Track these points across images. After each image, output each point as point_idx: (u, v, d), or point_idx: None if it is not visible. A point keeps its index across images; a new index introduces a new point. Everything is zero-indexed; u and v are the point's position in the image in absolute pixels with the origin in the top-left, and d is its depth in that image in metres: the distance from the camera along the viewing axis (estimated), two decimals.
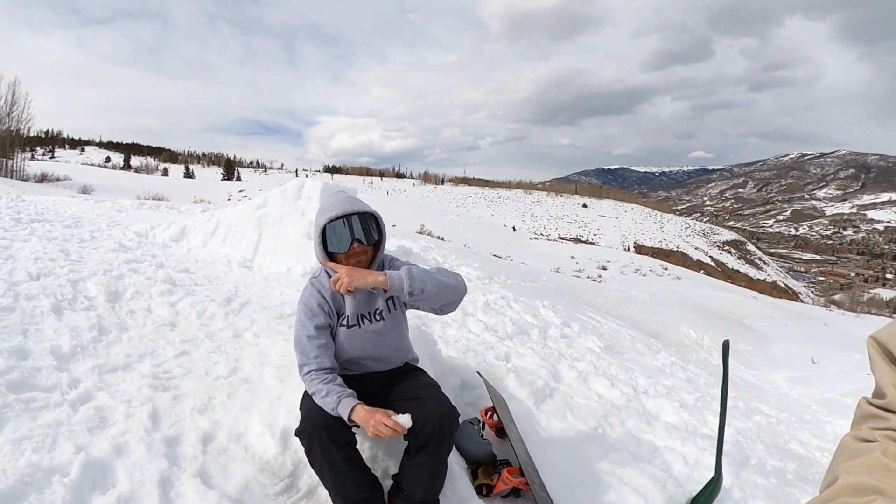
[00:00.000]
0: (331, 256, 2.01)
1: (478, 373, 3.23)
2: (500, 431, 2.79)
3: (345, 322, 2.05)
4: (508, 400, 3.23)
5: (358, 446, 1.95)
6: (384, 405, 2.00)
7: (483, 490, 2.32)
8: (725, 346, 2.47)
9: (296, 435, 1.88)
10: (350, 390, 1.87)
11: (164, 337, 3.02)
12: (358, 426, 1.81)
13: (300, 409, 1.99)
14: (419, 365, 2.31)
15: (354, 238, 1.95)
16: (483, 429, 2.69)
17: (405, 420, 1.74)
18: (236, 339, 3.16)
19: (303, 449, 1.88)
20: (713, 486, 2.60)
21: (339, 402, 1.81)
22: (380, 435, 1.73)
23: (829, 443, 6.48)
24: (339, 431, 1.84)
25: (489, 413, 2.86)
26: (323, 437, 1.81)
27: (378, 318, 2.08)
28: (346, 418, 1.79)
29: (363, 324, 2.07)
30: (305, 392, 1.98)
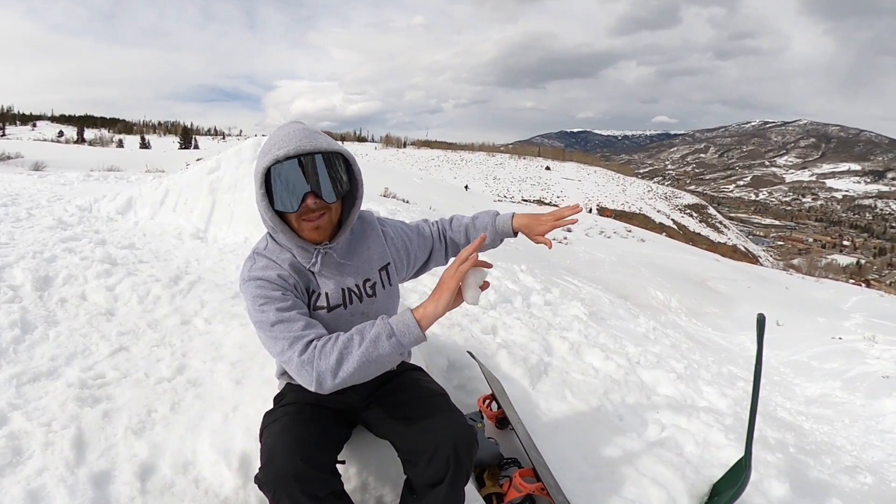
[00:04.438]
0: (279, 216, 1.38)
1: (469, 353, 2.86)
2: (500, 422, 2.44)
3: (323, 303, 1.43)
4: (502, 380, 2.89)
5: (343, 475, 1.43)
6: (374, 430, 1.53)
7: (493, 500, 1.95)
8: (760, 321, 2.00)
9: (256, 483, 1.34)
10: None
11: (99, 330, 2.53)
12: (343, 461, 1.31)
13: (261, 442, 1.41)
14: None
15: (310, 190, 1.31)
16: (483, 420, 2.34)
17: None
18: (184, 327, 2.68)
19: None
20: (741, 479, 2.22)
21: (393, 326, 1.23)
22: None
23: (801, 405, 6.50)
24: (318, 480, 1.30)
25: (487, 402, 2.49)
26: (295, 492, 1.26)
27: (370, 292, 1.49)
28: (421, 333, 1.24)
29: (351, 303, 1.46)
30: (267, 420, 1.44)
